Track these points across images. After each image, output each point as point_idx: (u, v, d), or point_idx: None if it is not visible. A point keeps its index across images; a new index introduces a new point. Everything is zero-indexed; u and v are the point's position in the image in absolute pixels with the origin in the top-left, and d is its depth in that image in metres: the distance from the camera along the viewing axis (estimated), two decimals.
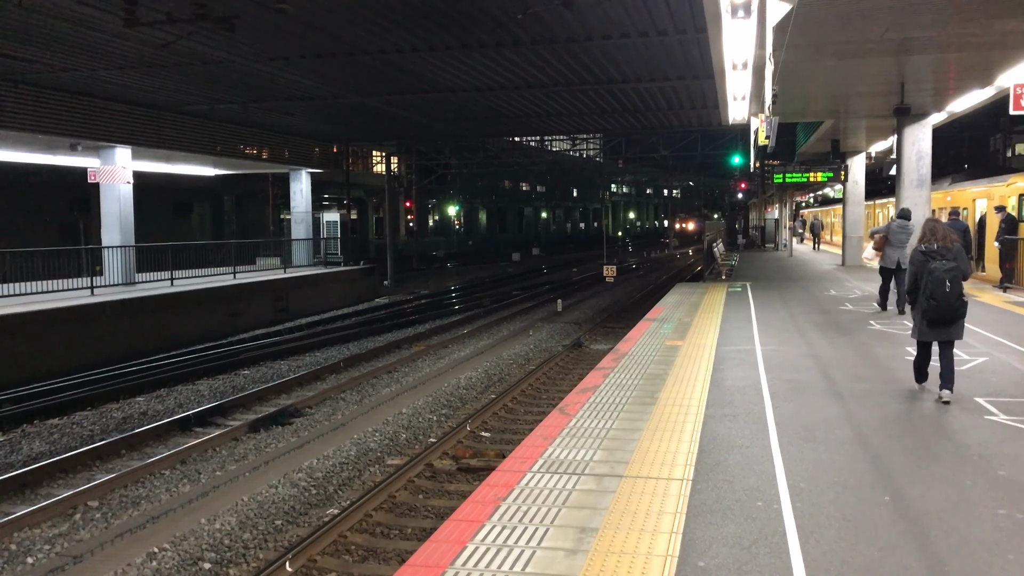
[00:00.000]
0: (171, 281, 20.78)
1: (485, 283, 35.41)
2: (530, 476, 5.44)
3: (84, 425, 11.74)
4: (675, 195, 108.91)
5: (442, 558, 4.18)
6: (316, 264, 29.72)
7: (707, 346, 10.55)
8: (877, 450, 5.88)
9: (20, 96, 17.87)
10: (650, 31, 14.43)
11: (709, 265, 29.12)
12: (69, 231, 31.36)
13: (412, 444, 10.78)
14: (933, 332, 7.22)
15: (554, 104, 22.77)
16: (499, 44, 15.37)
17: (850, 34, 11.05)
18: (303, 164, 29.87)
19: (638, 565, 4.04)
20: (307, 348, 18.16)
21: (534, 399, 13.04)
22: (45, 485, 9.20)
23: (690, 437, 6.27)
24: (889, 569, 3.95)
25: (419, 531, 7.70)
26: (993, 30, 10.93)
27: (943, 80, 14.87)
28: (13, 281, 17.45)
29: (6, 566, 7.02)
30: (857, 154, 28.23)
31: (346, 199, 36.59)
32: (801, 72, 13.56)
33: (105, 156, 21.14)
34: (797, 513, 4.67)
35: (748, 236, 49.64)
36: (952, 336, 7.19)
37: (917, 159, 17.83)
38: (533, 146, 54.81)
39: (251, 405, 12.88)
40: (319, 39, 14.81)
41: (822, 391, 7.84)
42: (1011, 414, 6.80)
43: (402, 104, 22.27)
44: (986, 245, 18.95)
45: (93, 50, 15.22)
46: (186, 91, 19.60)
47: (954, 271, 6.95)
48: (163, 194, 34.76)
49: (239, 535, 7.59)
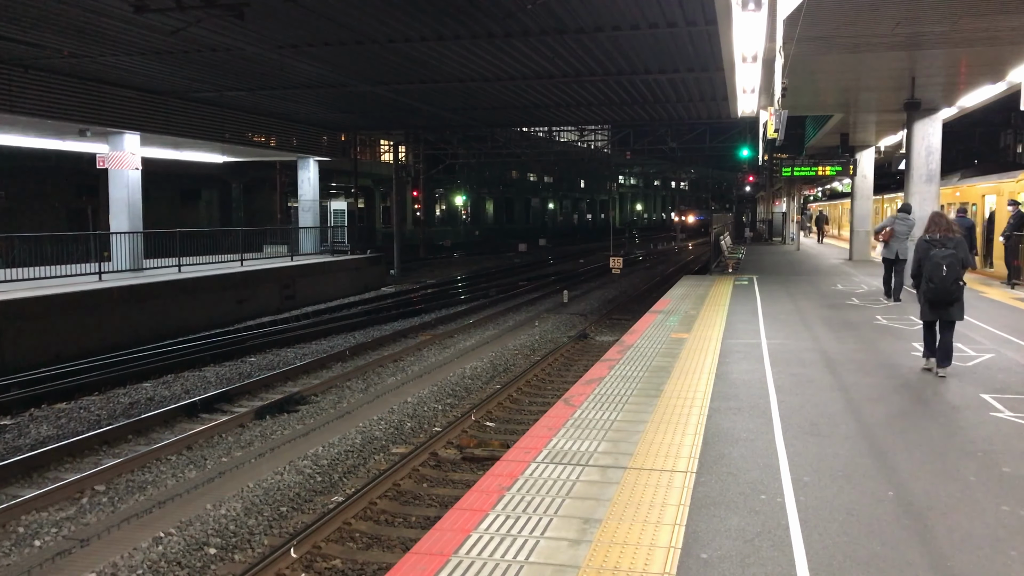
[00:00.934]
0: (178, 268, 20.84)
1: (491, 273, 35.42)
2: (534, 466, 5.46)
3: (91, 410, 11.81)
4: (683, 187, 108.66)
5: (446, 546, 4.21)
6: (323, 252, 29.75)
7: (713, 339, 10.55)
8: (881, 445, 5.89)
9: (30, 82, 17.90)
10: (660, 22, 14.37)
11: (716, 258, 29.07)
12: (77, 216, 31.46)
13: (417, 433, 10.82)
14: (933, 312, 8.04)
15: (562, 95, 22.71)
16: (508, 34, 15.32)
17: (861, 28, 10.98)
18: (311, 152, 29.88)
19: (641, 556, 4.06)
20: (313, 336, 18.21)
21: (539, 390, 13.07)
22: (52, 469, 9.26)
23: (694, 430, 6.29)
24: (892, 564, 3.97)
25: (423, 519, 7.74)
26: (1004, 25, 10.85)
27: (954, 75, 14.78)
28: (22, 265, 17.53)
29: (14, 548, 7.08)
30: (866, 148, 28.09)
31: (354, 188, 36.60)
32: (811, 66, 13.49)
33: (114, 142, 21.18)
34: (800, 507, 4.69)
35: (755, 229, 49.52)
36: (951, 316, 7.93)
37: (926, 154, 17.73)
38: (541, 137, 54.64)
39: (257, 392, 12.94)
40: (328, 27, 14.79)
41: (827, 385, 7.84)
42: (1016, 411, 6.80)
43: (410, 93, 22.24)
44: (994, 241, 18.87)
45: (102, 36, 15.23)
46: (195, 78, 19.61)
47: (951, 258, 7.69)
48: (171, 181, 34.85)
49: (244, 521, 7.64)
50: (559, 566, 3.96)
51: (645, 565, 3.96)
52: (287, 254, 27.59)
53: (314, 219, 30.39)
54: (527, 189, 76.65)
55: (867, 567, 3.93)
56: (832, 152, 28.47)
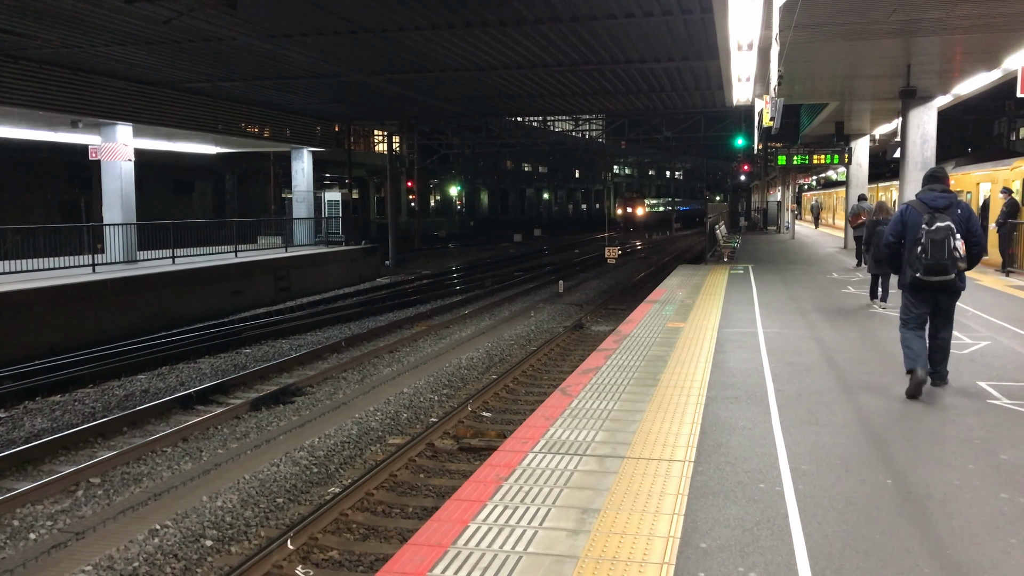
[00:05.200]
0: (172, 259, 20.76)
1: (487, 264, 35.37)
2: (532, 456, 5.44)
3: (86, 402, 11.76)
4: (678, 177, 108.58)
5: (444, 537, 4.18)
6: (317, 243, 29.67)
7: (709, 328, 10.54)
8: (879, 433, 5.88)
9: (20, 72, 17.76)
10: (655, 10, 14.31)
11: (711, 247, 29.07)
12: (70, 209, 31.27)
13: (413, 424, 10.80)
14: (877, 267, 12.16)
15: (557, 84, 22.63)
16: (502, 23, 15.24)
17: (857, 15, 10.95)
18: (305, 143, 29.76)
19: (640, 546, 4.04)
20: (308, 327, 18.16)
21: (535, 380, 13.05)
22: (47, 461, 9.23)
23: (692, 419, 6.27)
24: (891, 552, 3.96)
25: (420, 510, 7.72)
26: (1000, 12, 10.84)
27: (949, 62, 14.77)
28: (15, 258, 17.44)
29: (9, 541, 7.05)
30: (861, 137, 28.11)
31: (347, 178, 36.46)
32: (807, 53, 13.47)
33: (106, 133, 21.05)
34: (799, 495, 4.68)
35: (750, 218, 49.53)
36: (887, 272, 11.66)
37: (922, 142, 17.73)
38: (536, 126, 54.53)
39: (253, 383, 12.90)
40: (321, 17, 14.69)
41: (824, 374, 7.84)
42: (1013, 398, 6.80)
43: (404, 83, 22.14)
44: (989, 229, 18.88)
45: (94, 26, 15.11)
46: (188, 68, 19.49)
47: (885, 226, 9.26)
48: (164, 172, 34.61)
49: (241, 513, 7.62)
50: (558, 556, 3.95)
51: (644, 555, 3.94)
52: (281, 245, 27.50)
53: (308, 210, 30.30)
54: (522, 179, 76.48)
55: (866, 555, 3.92)
56: (827, 140, 28.45)
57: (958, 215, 6.76)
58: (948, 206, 6.77)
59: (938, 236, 6.62)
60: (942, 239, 6.61)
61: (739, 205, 55.29)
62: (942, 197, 6.83)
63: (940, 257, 6.63)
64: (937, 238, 6.62)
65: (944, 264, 6.64)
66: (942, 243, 6.62)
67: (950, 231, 6.62)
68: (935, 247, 6.63)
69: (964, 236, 6.69)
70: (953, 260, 6.64)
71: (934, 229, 6.64)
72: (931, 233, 6.65)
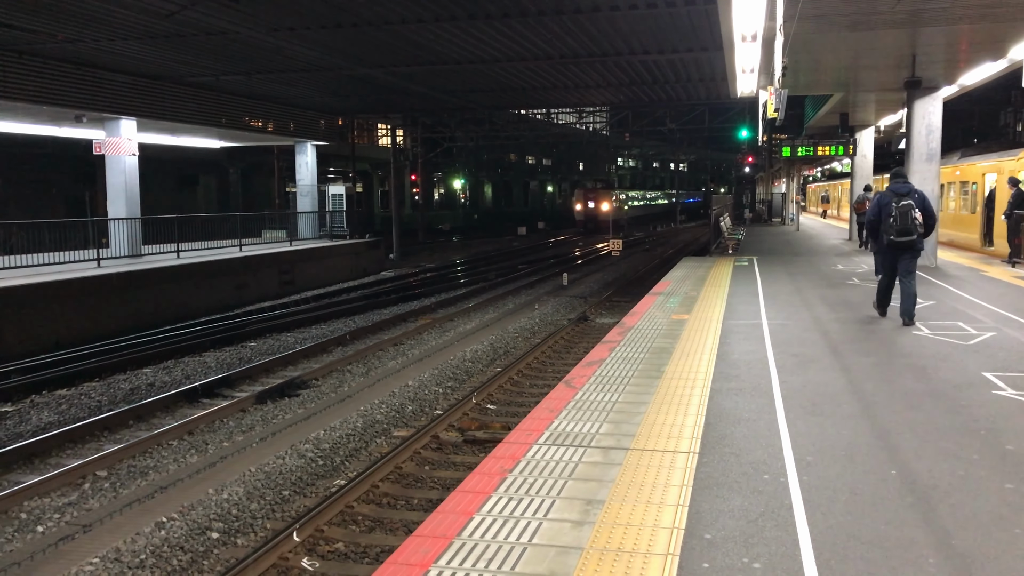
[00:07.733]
0: (177, 253, 20.79)
1: (491, 256, 35.37)
2: (536, 448, 5.45)
3: (92, 396, 11.80)
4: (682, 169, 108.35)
5: (449, 528, 4.20)
6: (322, 237, 29.69)
7: (713, 320, 10.54)
8: (884, 424, 5.88)
9: (24, 67, 17.78)
10: (658, 1, 14.26)
11: (715, 239, 29.02)
12: (75, 203, 31.33)
13: (418, 416, 10.83)
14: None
15: (561, 76, 22.58)
16: (506, 15, 15.21)
17: (862, 5, 10.88)
18: (309, 136, 29.75)
19: (644, 537, 4.05)
20: (313, 321, 18.19)
21: (540, 372, 13.06)
22: (54, 455, 9.27)
23: (696, 410, 6.28)
24: (896, 543, 3.96)
25: (425, 502, 7.75)
26: (1005, 2, 10.76)
27: (955, 53, 14.67)
28: (20, 252, 17.49)
29: (17, 534, 7.09)
30: (866, 128, 27.96)
31: (351, 172, 36.46)
32: (811, 44, 13.39)
33: (110, 128, 21.07)
34: (804, 486, 4.68)
35: (755, 210, 49.41)
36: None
37: (927, 133, 17.63)
38: (539, 119, 54.41)
39: (258, 377, 12.93)
40: (325, 10, 14.67)
41: (828, 365, 7.83)
42: (1019, 389, 6.78)
43: (408, 76, 22.12)
44: (995, 220, 18.82)
45: (97, 20, 15.11)
46: (191, 62, 19.48)
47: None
48: (168, 166, 34.65)
49: (247, 505, 7.65)
50: (562, 547, 3.96)
51: (649, 546, 3.95)
52: (286, 239, 27.51)
53: (312, 204, 30.30)
54: (525, 172, 76.33)
55: (871, 546, 3.92)
56: (832, 132, 28.30)
57: (915, 197, 9.57)
58: (909, 192, 9.62)
59: (904, 210, 9.46)
60: (906, 212, 9.46)
61: (743, 197, 55.15)
62: (904, 186, 9.70)
63: (906, 224, 9.47)
64: (903, 211, 9.46)
65: (909, 228, 9.47)
66: (906, 215, 9.46)
67: (911, 207, 9.47)
68: (902, 217, 9.47)
69: (921, 210, 9.49)
70: (915, 226, 9.49)
71: (901, 206, 9.47)
72: (899, 208, 9.47)
